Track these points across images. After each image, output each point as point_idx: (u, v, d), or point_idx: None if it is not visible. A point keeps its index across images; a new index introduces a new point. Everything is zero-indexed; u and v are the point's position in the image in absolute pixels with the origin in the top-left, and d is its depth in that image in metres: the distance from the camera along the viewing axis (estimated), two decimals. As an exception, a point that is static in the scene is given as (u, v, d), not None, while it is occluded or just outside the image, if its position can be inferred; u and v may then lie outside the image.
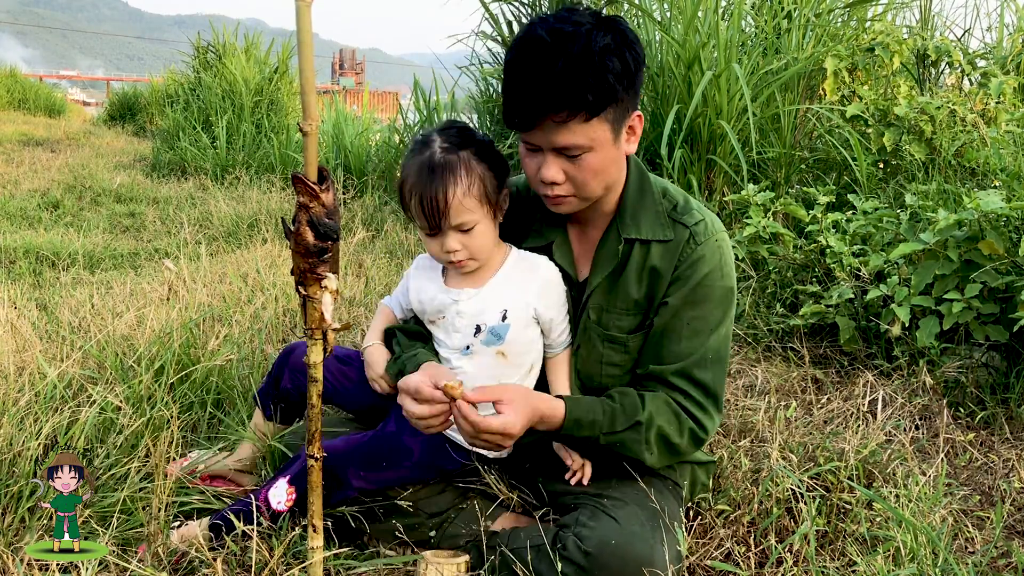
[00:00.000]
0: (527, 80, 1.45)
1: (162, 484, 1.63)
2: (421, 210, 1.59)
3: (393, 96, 19.84)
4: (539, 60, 1.44)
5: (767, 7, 4.52)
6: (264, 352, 2.59)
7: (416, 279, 1.77)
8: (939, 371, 2.56)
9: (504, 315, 1.64)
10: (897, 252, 2.66)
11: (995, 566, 1.71)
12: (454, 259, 1.62)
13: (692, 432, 1.63)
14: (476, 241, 1.62)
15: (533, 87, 1.45)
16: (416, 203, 1.59)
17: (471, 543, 1.65)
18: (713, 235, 1.64)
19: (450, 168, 1.57)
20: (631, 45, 1.49)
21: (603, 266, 1.66)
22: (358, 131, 7.05)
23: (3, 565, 1.49)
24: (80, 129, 13.01)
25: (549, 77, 1.43)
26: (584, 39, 1.43)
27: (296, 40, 1.17)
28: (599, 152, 1.51)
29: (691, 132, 3.87)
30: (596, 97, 1.44)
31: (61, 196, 6.16)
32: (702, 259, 1.61)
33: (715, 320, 1.64)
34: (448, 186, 1.56)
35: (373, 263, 4.02)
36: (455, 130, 1.65)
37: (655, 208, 1.65)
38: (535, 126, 1.48)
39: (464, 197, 1.57)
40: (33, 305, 3.12)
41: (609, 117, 1.49)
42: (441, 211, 1.57)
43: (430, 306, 1.72)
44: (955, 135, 3.82)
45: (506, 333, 1.64)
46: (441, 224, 1.59)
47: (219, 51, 9.60)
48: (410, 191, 1.60)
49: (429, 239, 1.64)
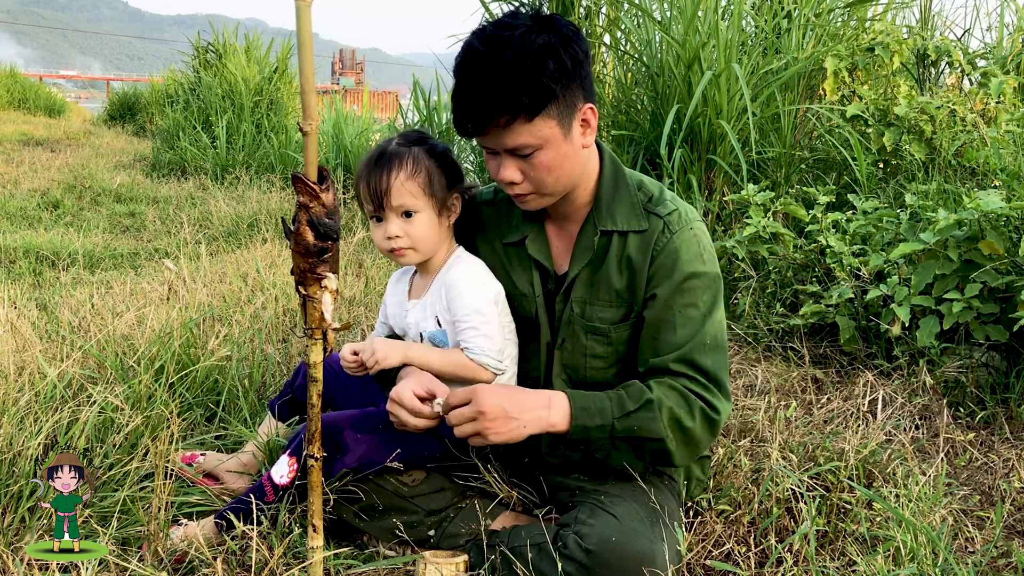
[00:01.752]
0: (466, 89, 1.52)
1: (162, 484, 1.63)
2: (368, 191, 1.69)
3: (393, 96, 19.86)
4: (475, 69, 1.50)
5: (767, 7, 4.52)
6: (264, 352, 2.59)
7: (388, 294, 1.89)
8: (939, 371, 2.56)
9: (438, 321, 1.74)
10: (897, 252, 2.66)
11: (995, 566, 1.71)
12: (395, 245, 1.70)
13: (704, 413, 1.60)
14: (417, 231, 1.69)
15: (472, 95, 1.50)
16: (364, 186, 1.69)
17: (471, 542, 1.65)
18: (688, 224, 1.66)
19: (398, 156, 1.69)
20: (569, 42, 1.52)
21: (580, 258, 1.69)
22: (358, 131, 7.05)
23: (3, 565, 1.49)
24: (80, 129, 13.01)
25: (484, 84, 1.48)
26: (517, 43, 1.48)
27: (296, 40, 1.17)
28: (550, 149, 1.55)
29: (691, 132, 3.86)
30: (532, 99, 1.48)
31: (61, 196, 6.17)
32: (679, 248, 1.63)
33: (706, 305, 1.64)
34: (392, 169, 1.67)
35: (373, 263, 4.02)
36: (414, 135, 1.75)
37: (630, 200, 1.68)
38: (483, 132, 1.54)
39: (407, 180, 1.67)
40: (33, 305, 3.12)
41: (553, 114, 1.52)
42: (383, 190, 1.66)
43: (393, 319, 1.86)
44: (955, 135, 3.82)
45: (445, 337, 1.73)
46: (383, 203, 1.67)
47: (219, 51, 9.61)
48: (359, 176, 1.71)
49: (375, 227, 1.73)
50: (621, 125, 4.26)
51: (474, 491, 1.75)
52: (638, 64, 4.50)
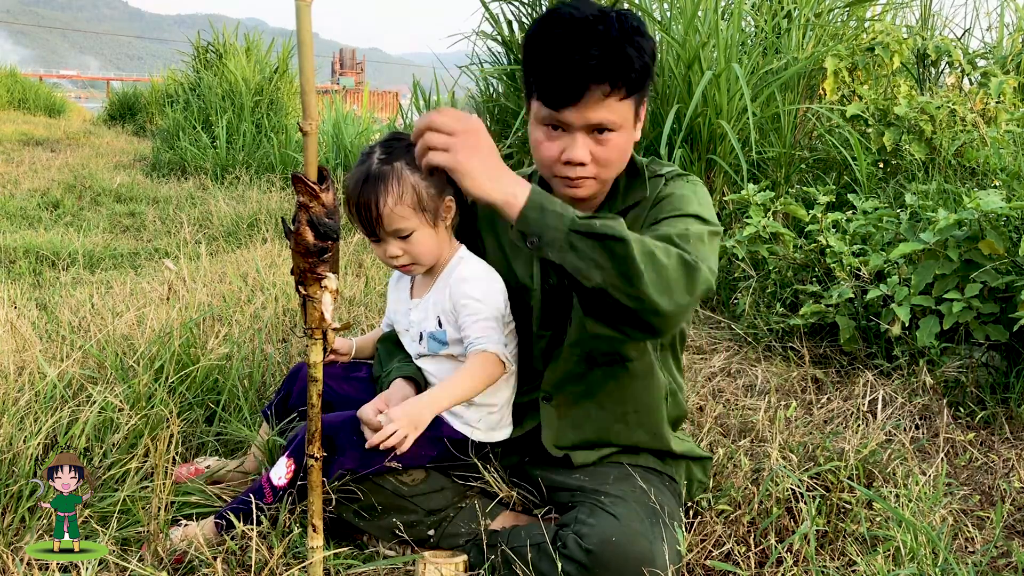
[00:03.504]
0: (574, 51, 1.46)
1: (162, 484, 1.63)
2: (358, 219, 1.68)
3: (393, 96, 19.86)
4: (582, 33, 1.46)
5: (767, 7, 4.52)
6: (264, 352, 2.59)
7: (391, 292, 1.91)
8: (939, 371, 2.56)
9: (439, 321, 1.74)
10: (897, 252, 2.66)
11: (995, 566, 1.71)
12: (396, 264, 1.73)
13: (681, 258, 1.39)
14: (416, 247, 1.70)
15: (579, 58, 1.46)
16: (354, 212, 1.69)
17: (471, 542, 1.65)
18: (685, 177, 1.68)
19: (382, 179, 1.65)
20: (646, 33, 1.53)
21: None
22: (358, 131, 7.06)
23: (3, 565, 1.49)
24: (80, 129, 13.01)
25: (598, 47, 1.46)
26: (616, 21, 1.48)
27: (296, 40, 1.17)
28: (624, 133, 1.56)
29: (691, 132, 3.87)
30: (638, 74, 1.49)
31: (61, 196, 6.16)
32: (674, 191, 1.63)
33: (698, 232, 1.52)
34: (379, 195, 1.64)
35: (373, 263, 4.02)
36: (396, 142, 1.71)
37: (642, 181, 1.69)
38: (578, 99, 1.49)
39: (396, 206, 1.65)
40: (33, 305, 3.12)
41: (636, 98, 1.54)
42: (374, 219, 1.66)
43: (395, 317, 1.88)
44: (955, 135, 3.82)
45: (445, 337, 1.73)
46: (377, 232, 1.68)
47: (219, 51, 9.60)
48: (347, 201, 1.70)
49: (374, 245, 1.74)
50: (621, 125, 4.26)
51: (474, 491, 1.75)
52: (638, 64, 4.49)
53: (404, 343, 1.86)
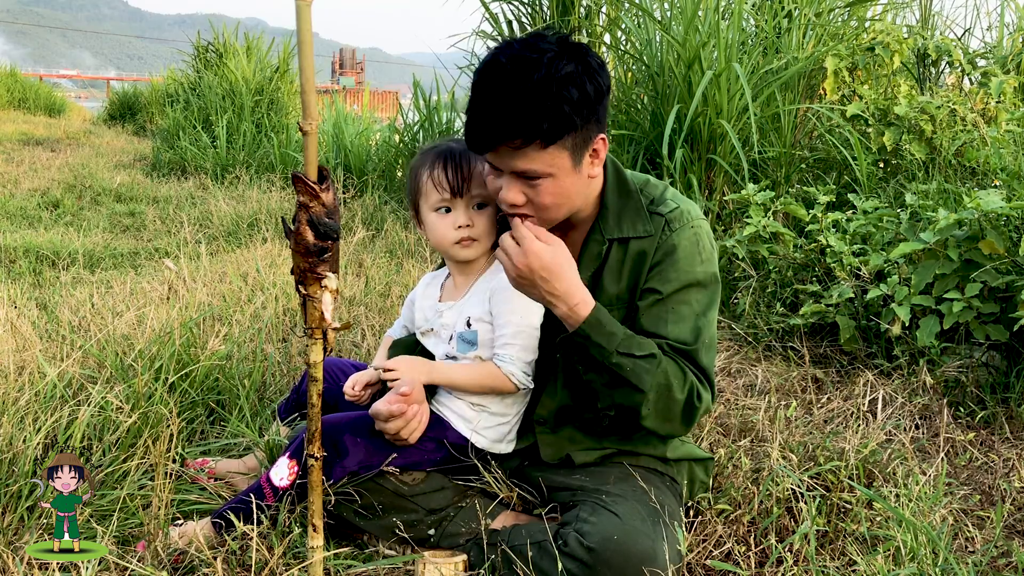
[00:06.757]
0: (485, 104, 1.48)
1: (162, 483, 1.63)
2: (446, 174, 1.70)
3: (393, 96, 19.86)
4: (498, 86, 1.47)
5: (767, 7, 4.52)
6: (264, 351, 2.59)
7: (420, 296, 1.90)
8: (939, 370, 2.56)
9: (469, 322, 1.74)
10: (897, 251, 2.66)
11: (995, 566, 1.71)
12: (467, 234, 1.72)
13: (692, 392, 1.58)
14: (485, 220, 1.73)
15: (490, 111, 1.47)
16: (442, 167, 1.71)
17: (471, 541, 1.65)
18: (689, 221, 1.67)
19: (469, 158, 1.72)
20: (594, 74, 1.50)
21: (587, 266, 1.69)
22: (358, 130, 7.05)
23: (3, 565, 1.49)
24: (80, 128, 13.01)
25: (506, 104, 1.46)
26: (545, 68, 1.45)
27: (296, 39, 1.17)
28: (557, 179, 1.53)
29: (691, 131, 3.87)
30: (552, 126, 1.46)
31: (61, 195, 6.16)
32: (678, 246, 1.64)
33: (700, 305, 1.64)
34: (475, 161, 1.70)
35: (373, 262, 4.01)
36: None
37: (636, 206, 1.69)
38: (493, 149, 1.52)
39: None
40: (33, 304, 3.12)
41: (567, 145, 1.51)
42: (465, 176, 1.70)
43: (422, 319, 1.86)
44: (955, 135, 3.81)
45: (475, 339, 1.73)
46: (463, 188, 1.70)
47: (219, 50, 9.62)
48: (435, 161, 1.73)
49: (442, 217, 1.73)
50: (621, 125, 4.26)
51: (474, 491, 1.75)
52: (638, 64, 4.50)
53: (429, 345, 1.84)
